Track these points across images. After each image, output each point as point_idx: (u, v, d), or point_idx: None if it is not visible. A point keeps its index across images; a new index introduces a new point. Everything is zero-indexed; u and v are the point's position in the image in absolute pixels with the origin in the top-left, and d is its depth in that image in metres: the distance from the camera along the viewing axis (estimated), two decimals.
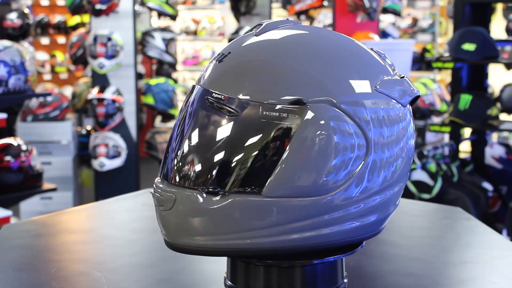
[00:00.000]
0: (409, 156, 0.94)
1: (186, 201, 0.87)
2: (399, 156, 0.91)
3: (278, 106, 0.84)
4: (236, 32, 5.21)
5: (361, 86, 0.88)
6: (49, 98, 4.60)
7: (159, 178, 0.93)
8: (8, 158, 3.26)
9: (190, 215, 0.87)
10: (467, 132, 5.04)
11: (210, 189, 0.86)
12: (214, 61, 0.92)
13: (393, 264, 1.18)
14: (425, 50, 7.27)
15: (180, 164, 0.89)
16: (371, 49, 0.96)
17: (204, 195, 0.86)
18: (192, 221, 0.88)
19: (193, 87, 0.93)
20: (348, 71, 0.89)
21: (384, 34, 6.51)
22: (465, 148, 5.67)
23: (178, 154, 0.90)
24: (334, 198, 0.86)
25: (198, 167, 0.87)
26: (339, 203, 0.86)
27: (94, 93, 4.51)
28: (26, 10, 5.12)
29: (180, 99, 6.10)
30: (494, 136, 5.73)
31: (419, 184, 3.77)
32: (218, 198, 0.86)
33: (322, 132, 0.84)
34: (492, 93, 5.97)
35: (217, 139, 0.86)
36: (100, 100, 4.47)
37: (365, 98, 0.87)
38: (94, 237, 1.36)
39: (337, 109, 0.85)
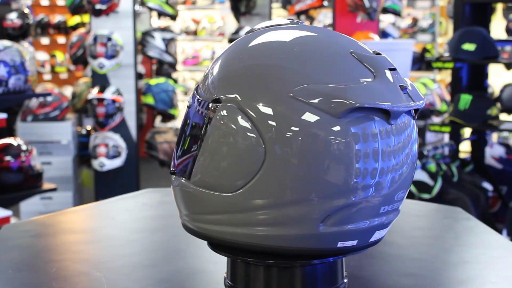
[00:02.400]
0: (337, 177, 0.83)
1: (172, 180, 0.98)
2: (314, 173, 0.83)
3: (203, 103, 0.90)
4: (236, 32, 5.21)
5: (273, 90, 0.85)
6: (49, 98, 4.60)
7: None
8: (8, 158, 3.26)
9: (172, 192, 0.98)
10: (467, 132, 5.04)
11: (171, 170, 0.96)
12: None
13: (393, 264, 1.18)
14: (425, 50, 7.27)
15: None
16: (351, 51, 0.88)
17: (172, 176, 0.96)
18: (175, 198, 0.98)
19: None
20: (268, 74, 0.86)
21: (384, 34, 6.51)
22: (465, 148, 5.67)
23: None
24: (235, 198, 0.87)
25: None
26: (243, 205, 0.86)
27: (94, 93, 4.51)
28: (26, 10, 5.12)
29: (180, 99, 6.09)
30: (494, 136, 5.73)
31: (419, 184, 3.77)
32: (174, 179, 0.95)
33: (220, 132, 0.87)
34: (492, 93, 5.97)
35: (180, 127, 0.97)
36: (100, 100, 4.47)
37: (275, 104, 0.84)
38: (94, 237, 1.36)
39: (241, 111, 0.85)
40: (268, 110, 0.84)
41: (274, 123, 0.83)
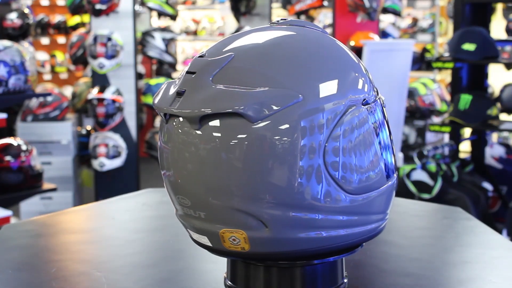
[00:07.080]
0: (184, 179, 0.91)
1: None
2: (171, 172, 0.95)
3: None
4: (236, 32, 5.21)
5: None
6: (49, 98, 4.60)
7: None
8: (8, 158, 3.26)
9: None
10: (467, 132, 5.04)
11: None
12: None
13: (393, 264, 1.18)
14: (425, 50, 7.27)
15: None
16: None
17: None
18: None
19: None
20: None
21: (384, 34, 6.51)
22: (465, 148, 5.67)
23: None
24: None
25: None
26: None
27: (94, 93, 4.51)
28: (26, 10, 5.12)
29: None
30: (494, 136, 5.73)
31: (419, 184, 3.77)
32: None
33: None
34: (492, 93, 5.97)
35: None
36: (100, 100, 4.47)
37: None
38: (94, 237, 1.36)
39: None
40: None
41: None
